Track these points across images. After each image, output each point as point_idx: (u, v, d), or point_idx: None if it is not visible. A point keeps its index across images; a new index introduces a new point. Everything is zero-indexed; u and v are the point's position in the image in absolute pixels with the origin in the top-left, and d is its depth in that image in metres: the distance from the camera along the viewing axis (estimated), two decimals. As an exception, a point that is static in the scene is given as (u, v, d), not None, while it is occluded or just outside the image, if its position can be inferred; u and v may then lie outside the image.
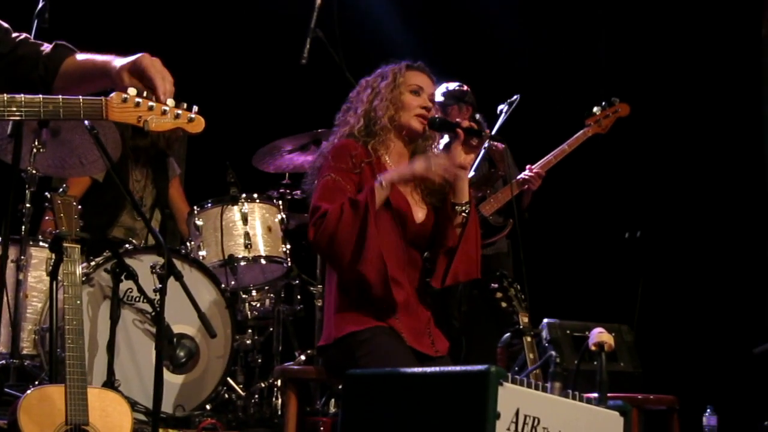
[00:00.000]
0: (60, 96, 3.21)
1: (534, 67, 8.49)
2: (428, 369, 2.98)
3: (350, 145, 4.54)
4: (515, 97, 6.55)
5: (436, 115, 4.68)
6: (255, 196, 6.30)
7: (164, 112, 3.21)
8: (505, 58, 8.41)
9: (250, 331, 6.41)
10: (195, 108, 3.28)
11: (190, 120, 3.27)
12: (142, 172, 6.72)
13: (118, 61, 3.29)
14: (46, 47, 3.48)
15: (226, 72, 8.20)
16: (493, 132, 6.40)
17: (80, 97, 3.20)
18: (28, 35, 3.56)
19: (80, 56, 3.44)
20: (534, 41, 8.64)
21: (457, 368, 2.86)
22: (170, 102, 3.23)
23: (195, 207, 6.28)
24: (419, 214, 4.58)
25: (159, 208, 6.75)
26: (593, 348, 3.11)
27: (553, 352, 3.01)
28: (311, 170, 4.65)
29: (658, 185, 8.17)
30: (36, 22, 5.34)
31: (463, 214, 4.54)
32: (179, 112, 3.24)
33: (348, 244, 4.30)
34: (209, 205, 6.24)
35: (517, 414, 2.82)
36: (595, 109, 6.49)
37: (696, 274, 7.94)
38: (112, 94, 3.18)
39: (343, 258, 4.33)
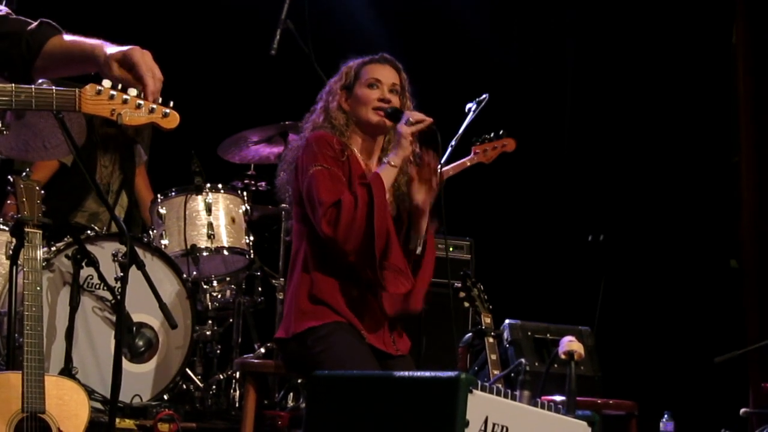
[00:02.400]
0: (32, 86, 3.13)
1: (504, 65, 8.48)
2: (397, 373, 2.95)
3: (327, 136, 4.49)
4: (484, 96, 6.52)
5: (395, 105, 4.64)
6: (219, 186, 6.28)
7: (138, 106, 3.12)
8: (476, 56, 8.39)
9: (210, 322, 6.37)
10: (170, 103, 3.19)
11: (165, 115, 3.17)
12: (110, 158, 6.66)
13: (107, 48, 3.19)
14: (32, 24, 3.39)
15: (194, 60, 8.12)
16: (461, 130, 6.35)
17: (53, 87, 3.12)
18: (10, 11, 3.48)
19: (67, 37, 3.34)
20: (504, 39, 8.63)
21: (427, 374, 2.84)
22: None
23: (159, 195, 6.25)
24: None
25: (126, 192, 6.69)
26: (563, 356, 3.10)
27: (523, 360, 3.00)
28: (287, 164, 4.59)
29: (622, 189, 8.17)
30: (3, 3, 5.26)
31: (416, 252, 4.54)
32: (154, 106, 3.14)
33: (366, 229, 4.28)
34: (173, 193, 6.21)
35: (486, 422, 2.80)
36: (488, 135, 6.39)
37: (658, 279, 7.95)
38: (86, 86, 3.10)
39: (359, 244, 4.29)
